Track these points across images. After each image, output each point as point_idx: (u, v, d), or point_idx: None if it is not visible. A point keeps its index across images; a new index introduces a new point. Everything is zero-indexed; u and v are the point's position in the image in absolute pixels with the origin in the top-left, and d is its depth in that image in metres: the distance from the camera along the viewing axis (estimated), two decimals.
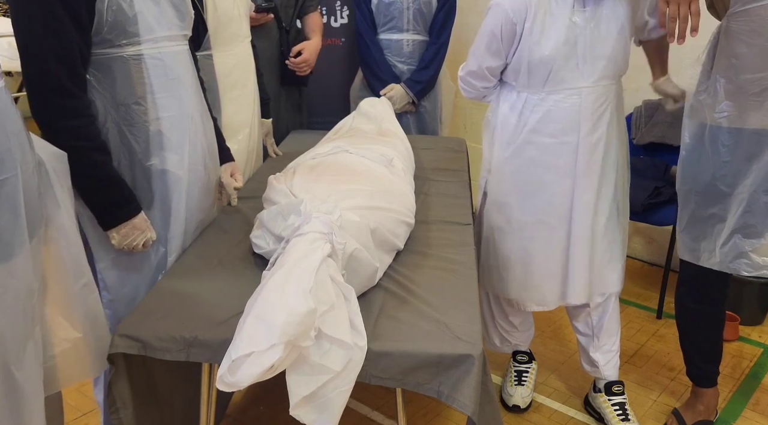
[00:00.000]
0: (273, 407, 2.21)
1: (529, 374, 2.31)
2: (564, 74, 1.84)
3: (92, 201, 1.50)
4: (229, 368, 1.10)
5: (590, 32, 1.81)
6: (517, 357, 2.34)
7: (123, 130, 1.53)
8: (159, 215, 1.63)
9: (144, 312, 1.38)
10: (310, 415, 1.17)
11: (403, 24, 2.78)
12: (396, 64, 2.83)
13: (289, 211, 1.46)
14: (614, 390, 2.17)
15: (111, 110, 1.50)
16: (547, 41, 1.81)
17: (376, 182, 1.69)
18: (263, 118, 2.38)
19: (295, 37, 2.68)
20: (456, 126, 3.91)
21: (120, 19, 1.44)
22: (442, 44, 2.83)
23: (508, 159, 2.00)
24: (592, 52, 1.82)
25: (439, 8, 2.78)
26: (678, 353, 2.59)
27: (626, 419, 2.12)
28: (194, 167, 1.68)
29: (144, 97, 1.53)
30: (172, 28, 1.58)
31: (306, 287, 1.15)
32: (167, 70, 1.57)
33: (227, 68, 2.10)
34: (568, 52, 1.82)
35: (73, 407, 2.21)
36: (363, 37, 2.81)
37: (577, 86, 1.85)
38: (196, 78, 1.72)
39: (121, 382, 1.37)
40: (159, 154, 1.58)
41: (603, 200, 1.97)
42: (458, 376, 1.24)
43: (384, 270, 1.53)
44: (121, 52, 1.48)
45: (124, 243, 1.54)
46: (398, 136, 2.23)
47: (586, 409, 2.27)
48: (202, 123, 1.72)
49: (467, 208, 1.99)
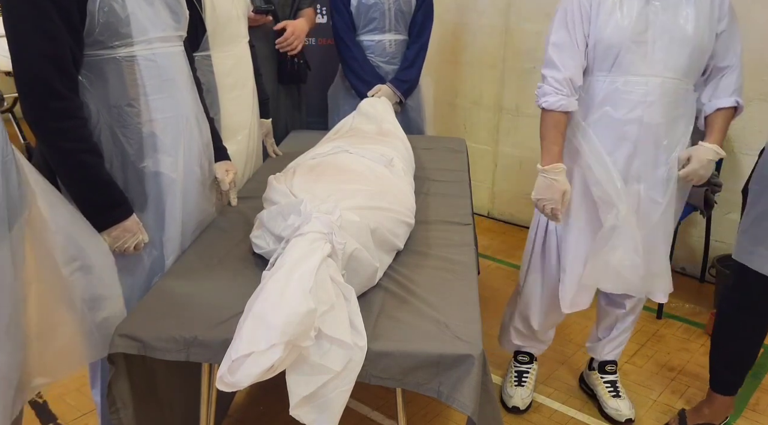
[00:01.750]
0: (273, 407, 2.21)
1: (529, 374, 2.30)
2: (630, 61, 1.76)
3: (83, 203, 1.48)
4: (229, 368, 1.10)
5: (664, 21, 1.75)
6: (518, 356, 2.33)
7: (115, 132, 1.52)
8: (153, 217, 1.62)
9: (144, 312, 1.38)
10: (310, 415, 1.17)
11: (386, 24, 2.77)
12: (380, 65, 2.82)
13: (289, 211, 1.46)
14: (607, 369, 2.27)
15: (103, 111, 1.49)
16: (615, 23, 1.75)
17: (376, 182, 1.69)
18: (262, 118, 2.38)
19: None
20: (456, 126, 3.92)
21: (112, 21, 1.43)
22: (423, 43, 2.84)
23: (566, 145, 1.90)
24: (664, 41, 1.75)
25: (417, 7, 2.79)
26: (678, 353, 2.60)
27: (617, 395, 2.20)
28: (190, 168, 1.67)
29: (137, 99, 1.52)
30: (167, 29, 1.57)
31: (306, 288, 1.15)
32: (161, 72, 1.56)
33: (226, 69, 2.10)
34: (636, 38, 1.74)
35: (73, 407, 2.21)
36: (344, 39, 2.76)
37: (644, 74, 1.77)
38: (191, 79, 1.70)
39: (121, 382, 1.37)
40: (152, 156, 1.57)
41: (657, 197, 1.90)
42: (458, 376, 1.24)
43: (384, 270, 1.53)
44: (113, 53, 1.47)
45: (115, 245, 1.52)
46: (398, 136, 2.23)
47: (580, 386, 2.37)
48: (198, 124, 1.71)
49: (467, 208, 1.99)
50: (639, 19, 1.75)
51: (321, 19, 3.06)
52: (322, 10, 3.05)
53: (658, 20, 1.75)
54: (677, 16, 1.76)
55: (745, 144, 2.94)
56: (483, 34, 3.68)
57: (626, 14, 1.75)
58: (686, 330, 2.77)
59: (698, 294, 3.08)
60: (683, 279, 3.20)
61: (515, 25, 3.54)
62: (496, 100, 3.72)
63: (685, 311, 2.93)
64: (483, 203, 3.97)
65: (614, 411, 2.17)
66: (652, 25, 1.75)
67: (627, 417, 2.16)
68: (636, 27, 1.75)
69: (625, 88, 1.80)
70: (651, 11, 1.75)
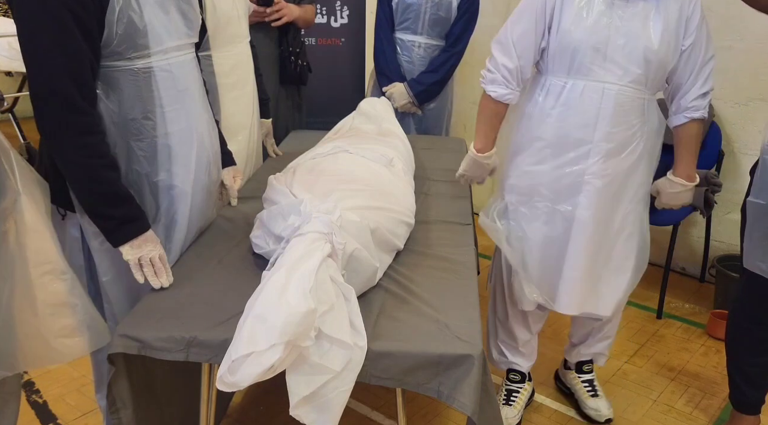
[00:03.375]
0: (273, 407, 2.20)
1: (519, 394, 2.18)
2: (589, 65, 1.73)
3: (101, 218, 1.44)
4: (229, 368, 1.10)
5: (626, 27, 1.70)
6: (510, 375, 2.21)
7: (131, 145, 1.48)
8: (162, 228, 1.59)
9: (144, 312, 1.38)
10: (310, 415, 1.17)
11: (418, 27, 2.79)
12: (403, 64, 2.84)
13: (289, 211, 1.46)
14: (584, 369, 2.25)
15: (119, 124, 1.45)
16: (576, 26, 1.71)
17: (376, 182, 1.69)
18: (263, 118, 2.38)
19: (294, 36, 2.68)
20: (456, 126, 3.91)
21: (130, 32, 1.39)
22: (456, 53, 2.83)
23: (524, 145, 1.88)
24: (624, 49, 1.70)
25: (459, 16, 2.78)
26: (678, 353, 2.60)
27: (595, 395, 2.19)
28: (199, 177, 1.64)
29: (153, 111, 1.48)
30: (181, 37, 1.54)
31: (306, 288, 1.15)
32: (176, 83, 1.53)
33: (226, 69, 2.10)
34: (596, 42, 1.71)
35: (73, 407, 2.21)
36: (378, 32, 2.84)
37: (602, 81, 1.74)
38: (202, 86, 1.68)
39: (121, 382, 1.37)
40: (167, 169, 1.54)
41: (618, 213, 1.85)
42: (458, 376, 1.24)
43: (384, 270, 1.53)
44: (130, 65, 1.43)
45: (138, 256, 1.45)
46: (398, 136, 2.23)
47: (556, 384, 2.35)
48: (208, 133, 1.68)
49: (467, 208, 1.99)
50: (600, 23, 1.70)
51: (321, 19, 3.07)
52: (322, 10, 3.05)
53: (623, 27, 1.71)
54: (645, 27, 1.71)
55: (745, 144, 2.94)
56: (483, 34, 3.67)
57: (590, 17, 1.71)
58: (686, 330, 2.77)
59: (698, 294, 3.08)
60: (683, 279, 3.20)
61: None
62: None
63: (685, 312, 2.93)
64: (483, 203, 3.94)
65: (593, 411, 2.16)
66: (616, 32, 1.70)
67: (606, 417, 2.15)
68: (598, 32, 1.70)
69: (582, 92, 1.76)
70: (617, 17, 1.70)
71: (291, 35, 2.66)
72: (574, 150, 1.80)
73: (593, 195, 1.81)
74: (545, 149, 1.84)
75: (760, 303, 1.84)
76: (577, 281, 1.88)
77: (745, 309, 1.89)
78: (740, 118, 2.94)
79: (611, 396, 2.29)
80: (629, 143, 1.79)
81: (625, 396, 2.32)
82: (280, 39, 2.62)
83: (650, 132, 1.83)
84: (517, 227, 1.94)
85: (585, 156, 1.79)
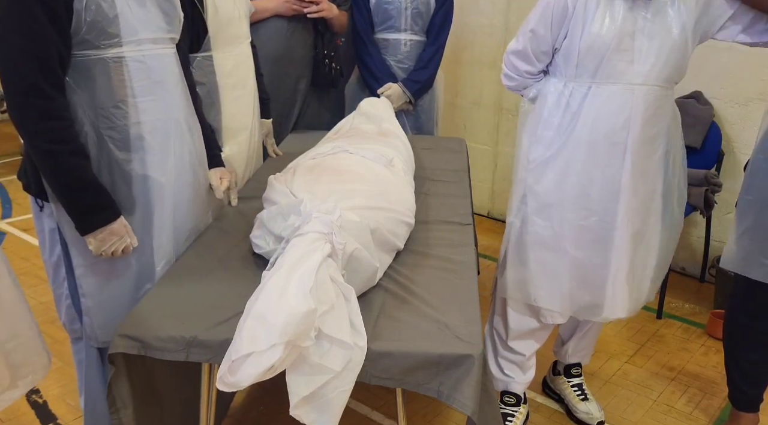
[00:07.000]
0: (273, 407, 2.21)
1: (514, 418, 2.10)
2: (616, 67, 1.70)
3: (69, 206, 1.46)
4: (229, 368, 1.10)
5: (650, 27, 1.68)
6: (505, 398, 2.13)
7: (102, 134, 1.48)
8: (140, 221, 1.57)
9: (144, 312, 1.38)
10: (310, 415, 1.17)
11: (401, 24, 2.78)
12: (392, 64, 2.83)
13: (289, 211, 1.46)
14: (573, 372, 2.24)
15: (90, 113, 1.46)
16: (600, 28, 1.68)
17: (376, 182, 1.69)
18: (263, 118, 2.38)
19: (330, 40, 2.71)
20: (456, 126, 3.92)
21: (99, 19, 1.40)
22: (440, 45, 2.84)
23: (551, 157, 1.82)
24: (651, 48, 1.68)
25: (437, 9, 2.78)
26: (678, 353, 2.60)
27: (585, 398, 2.18)
28: (181, 172, 1.63)
29: (125, 101, 1.49)
30: (158, 31, 1.54)
31: (306, 288, 1.15)
32: (150, 73, 1.53)
33: (227, 69, 2.10)
34: (622, 44, 1.67)
35: (73, 407, 2.21)
36: (361, 36, 2.81)
37: (630, 83, 1.71)
38: (183, 83, 1.66)
39: (121, 382, 1.37)
40: (140, 158, 1.54)
41: (652, 212, 1.84)
42: (458, 376, 1.24)
43: (384, 270, 1.53)
44: (101, 53, 1.44)
45: (101, 249, 1.49)
46: (398, 136, 2.23)
47: (544, 391, 2.33)
48: (189, 129, 1.67)
49: (467, 208, 1.99)
50: (626, 25, 1.68)
51: None
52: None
53: (646, 28, 1.69)
54: (665, 21, 1.69)
55: (745, 144, 2.94)
56: (483, 34, 3.68)
57: (613, 19, 1.68)
58: (686, 330, 2.77)
59: (698, 294, 3.08)
60: (683, 279, 3.20)
61: (515, 25, 3.54)
62: (496, 100, 3.72)
63: (685, 312, 2.93)
64: (483, 203, 3.97)
65: (585, 415, 2.15)
66: (640, 32, 1.68)
67: (599, 420, 2.13)
68: (622, 33, 1.68)
69: (609, 96, 1.73)
70: (641, 18, 1.68)
71: (327, 38, 2.70)
72: (607, 155, 1.76)
73: (630, 195, 1.78)
74: (574, 157, 1.79)
75: (756, 298, 1.85)
76: (623, 283, 1.84)
77: (741, 304, 1.91)
78: (740, 118, 2.94)
79: (611, 396, 2.29)
80: (657, 140, 1.79)
81: (625, 396, 2.32)
82: (315, 41, 2.66)
83: (674, 126, 1.83)
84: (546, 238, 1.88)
85: (620, 159, 1.76)
